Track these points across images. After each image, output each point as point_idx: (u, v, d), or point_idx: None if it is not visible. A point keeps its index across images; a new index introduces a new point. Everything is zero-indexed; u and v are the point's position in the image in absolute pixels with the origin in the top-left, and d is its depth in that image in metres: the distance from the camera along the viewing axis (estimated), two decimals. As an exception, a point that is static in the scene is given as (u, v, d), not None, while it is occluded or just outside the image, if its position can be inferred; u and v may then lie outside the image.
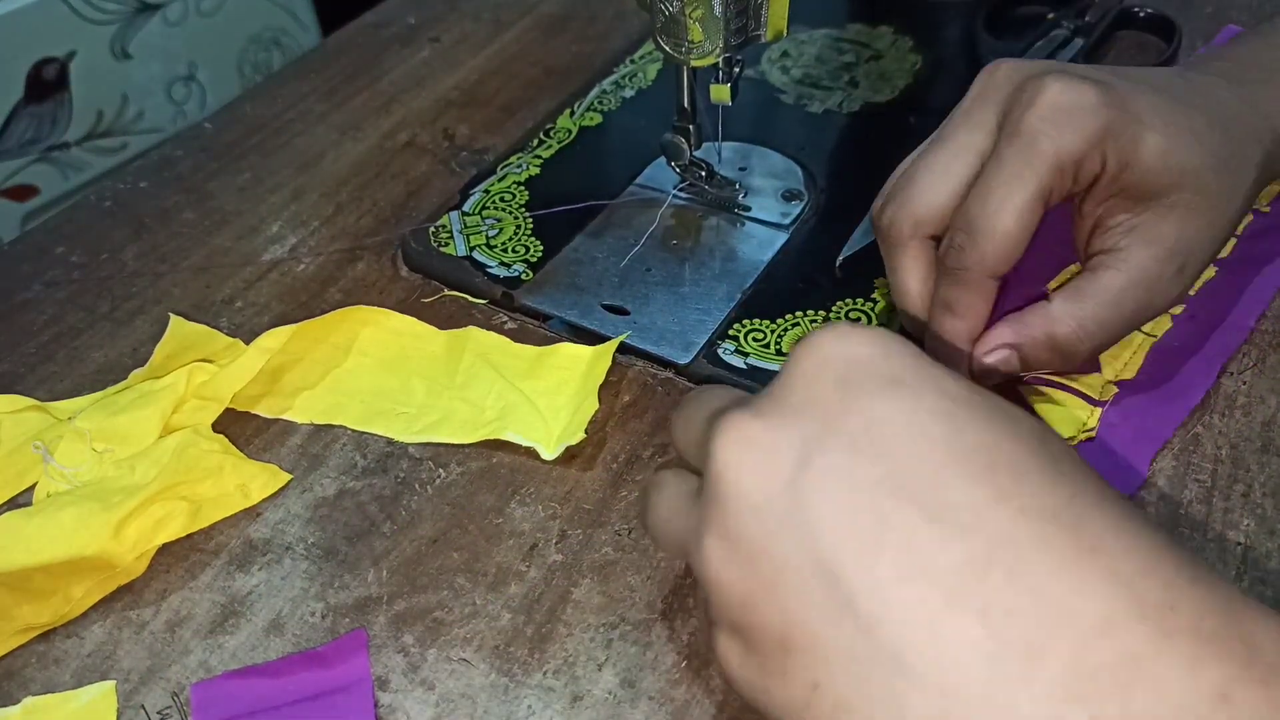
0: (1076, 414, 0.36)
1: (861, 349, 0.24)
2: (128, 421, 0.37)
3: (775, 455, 0.22)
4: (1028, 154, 0.32)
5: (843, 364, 0.23)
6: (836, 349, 0.24)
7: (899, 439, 0.22)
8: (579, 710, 0.30)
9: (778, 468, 0.22)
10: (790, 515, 0.22)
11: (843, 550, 0.21)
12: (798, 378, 0.24)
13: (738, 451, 0.23)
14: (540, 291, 0.43)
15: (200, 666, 0.32)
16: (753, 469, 0.23)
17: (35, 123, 0.81)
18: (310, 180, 0.51)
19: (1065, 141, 0.32)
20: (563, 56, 0.59)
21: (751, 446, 0.23)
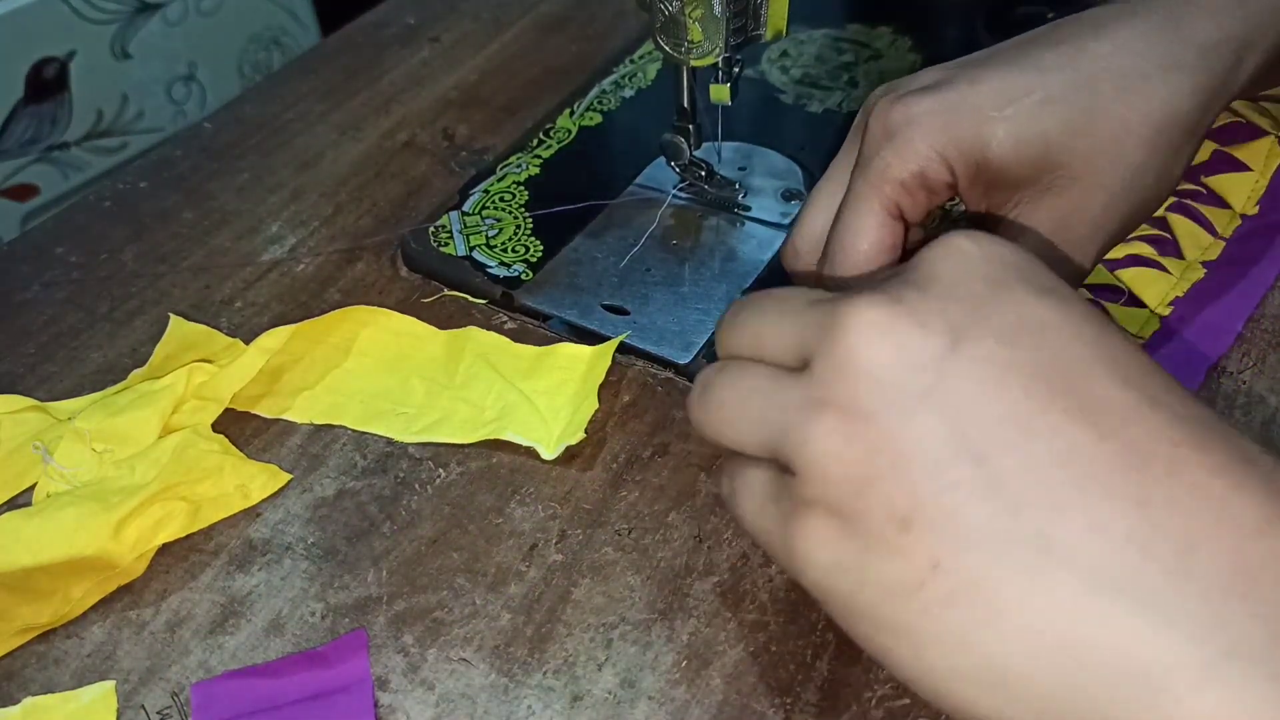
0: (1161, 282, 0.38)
1: (1009, 253, 0.23)
2: (127, 422, 0.37)
3: (919, 338, 0.22)
4: (866, 177, 0.32)
5: (993, 264, 0.23)
6: (982, 249, 0.23)
7: (1052, 335, 0.22)
8: (579, 710, 0.30)
9: (922, 349, 0.22)
10: (933, 394, 0.21)
11: (993, 432, 0.21)
12: (941, 272, 0.23)
13: (874, 333, 0.22)
14: (540, 291, 0.43)
15: (200, 666, 0.32)
16: (893, 349, 0.22)
17: (35, 122, 0.81)
18: (310, 180, 0.51)
19: (895, 160, 0.32)
20: (562, 56, 0.59)
21: (891, 328, 0.22)
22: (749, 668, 0.31)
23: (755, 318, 0.26)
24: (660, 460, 0.37)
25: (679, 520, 0.35)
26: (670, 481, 0.36)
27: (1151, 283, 0.40)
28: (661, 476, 0.36)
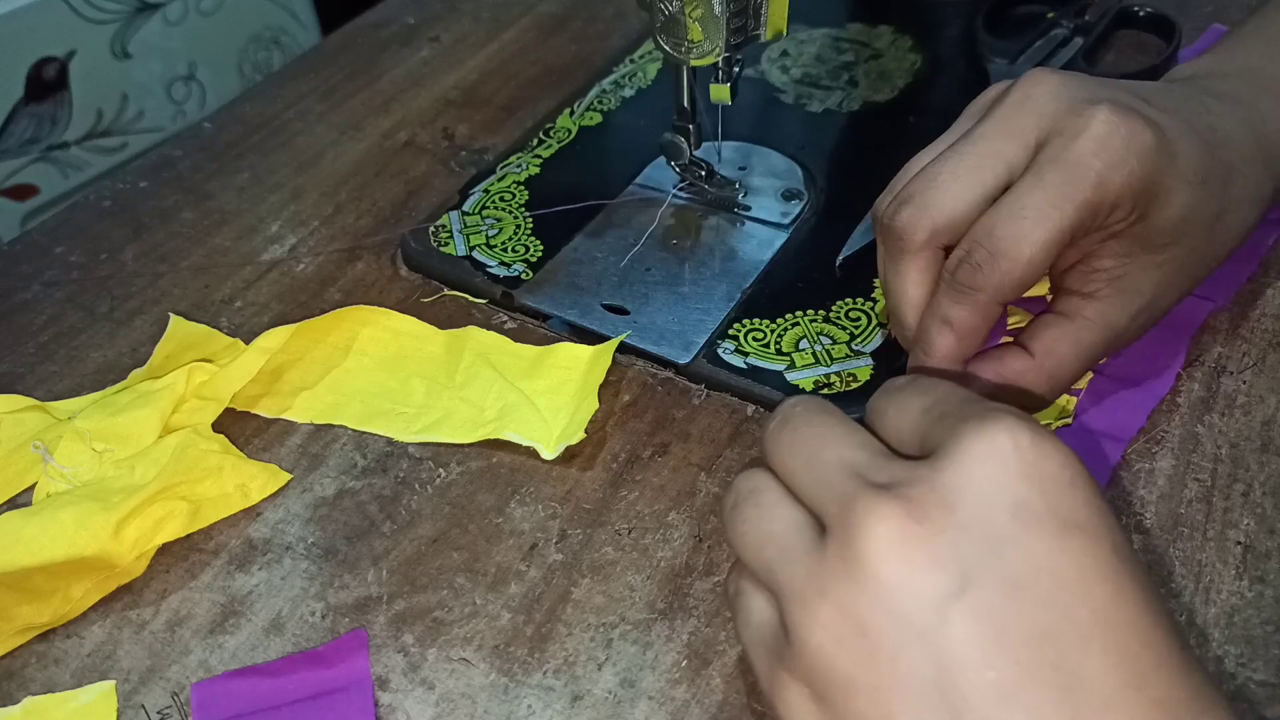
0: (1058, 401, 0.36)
1: (1049, 466, 0.23)
2: (127, 421, 0.37)
3: (932, 571, 0.22)
4: (1071, 185, 0.30)
5: (1023, 486, 0.23)
6: (1022, 458, 0.23)
7: (1061, 596, 0.22)
8: (579, 710, 0.30)
9: (931, 585, 0.22)
10: (931, 635, 0.22)
11: (973, 689, 0.21)
12: (969, 483, 0.23)
13: (889, 549, 0.22)
14: (540, 291, 0.43)
15: (200, 666, 0.32)
16: (903, 574, 0.22)
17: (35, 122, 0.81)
18: (310, 180, 0.51)
19: (1114, 181, 0.30)
20: (562, 56, 0.59)
21: (906, 552, 0.22)
22: (749, 668, 0.31)
23: (794, 445, 0.26)
24: (660, 460, 0.37)
25: (679, 520, 0.35)
26: (670, 481, 0.36)
27: None
28: (661, 476, 0.36)
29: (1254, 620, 0.31)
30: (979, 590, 0.22)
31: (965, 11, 0.58)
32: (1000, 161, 0.32)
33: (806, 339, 0.40)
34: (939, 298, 0.33)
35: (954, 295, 0.32)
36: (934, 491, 0.23)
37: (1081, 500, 0.23)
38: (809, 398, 0.28)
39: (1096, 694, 0.21)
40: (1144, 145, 0.30)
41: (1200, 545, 0.33)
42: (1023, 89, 0.32)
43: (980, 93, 0.36)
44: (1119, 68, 0.55)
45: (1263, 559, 0.33)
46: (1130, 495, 0.35)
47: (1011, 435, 0.23)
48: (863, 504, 0.23)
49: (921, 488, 0.23)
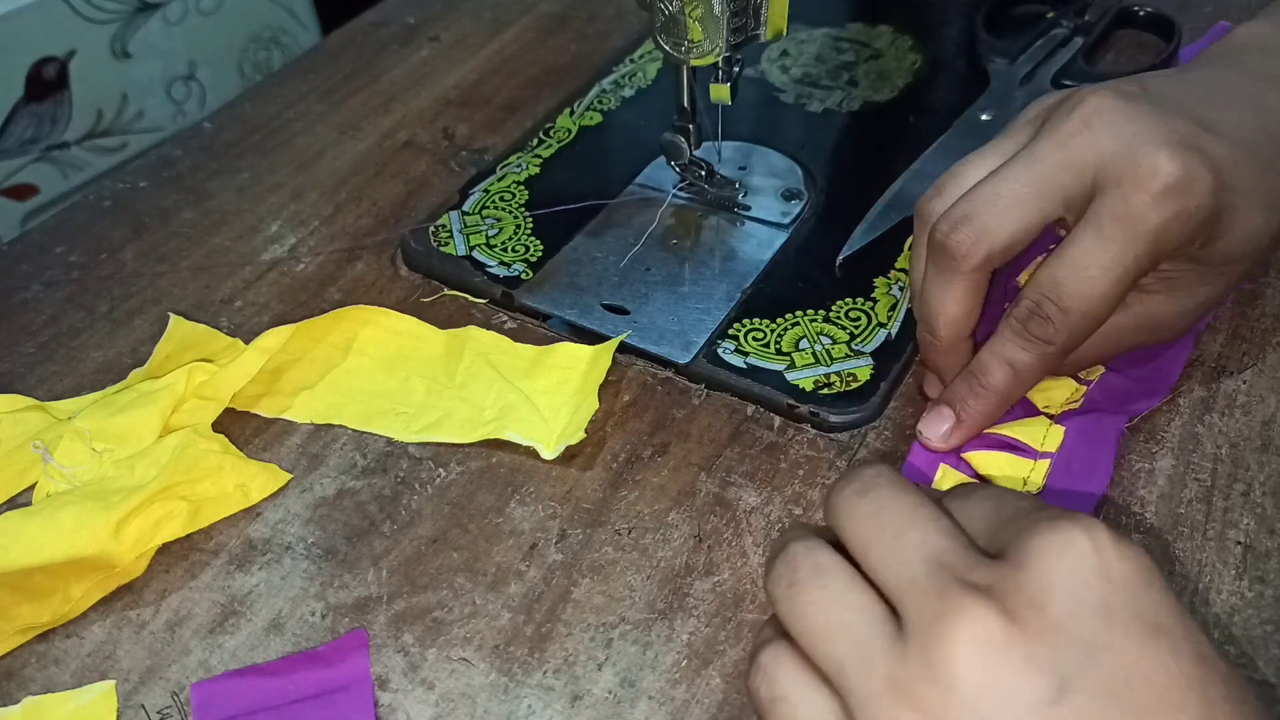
0: (1017, 470, 0.35)
1: (1129, 568, 0.23)
2: (127, 421, 0.37)
3: (1026, 677, 0.21)
4: (1133, 240, 0.31)
5: (1106, 587, 0.22)
6: (1101, 557, 0.22)
7: (1153, 700, 0.21)
8: (579, 710, 0.30)
9: (1027, 690, 0.21)
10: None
11: None
12: (1055, 582, 0.22)
13: (982, 651, 0.22)
14: (540, 291, 0.43)
15: (200, 666, 0.32)
16: (996, 677, 0.21)
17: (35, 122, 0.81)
18: (310, 180, 0.51)
19: (1173, 230, 0.31)
20: (562, 56, 0.59)
21: (1000, 655, 0.21)
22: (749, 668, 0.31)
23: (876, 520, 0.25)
24: (660, 460, 0.37)
25: (679, 520, 0.35)
26: (670, 481, 0.36)
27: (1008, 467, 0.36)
28: (661, 476, 0.36)
29: (1254, 620, 0.31)
30: (1076, 697, 0.21)
31: (965, 11, 0.58)
32: (1059, 194, 0.32)
33: (806, 339, 0.40)
34: (1005, 339, 0.33)
35: (1023, 343, 0.33)
36: (1022, 591, 0.22)
37: (1161, 602, 0.22)
38: (889, 469, 0.26)
39: None
40: (1204, 190, 0.31)
41: (1200, 545, 0.33)
42: (1082, 114, 0.32)
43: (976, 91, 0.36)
44: (1119, 68, 0.55)
45: (1263, 559, 0.33)
46: (1130, 495, 0.35)
47: (1089, 535, 0.23)
48: (952, 601, 0.22)
49: (1009, 587, 0.22)
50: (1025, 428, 0.35)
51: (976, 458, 0.35)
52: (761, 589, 0.33)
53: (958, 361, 0.36)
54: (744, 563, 0.33)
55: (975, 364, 0.35)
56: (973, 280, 0.33)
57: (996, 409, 0.35)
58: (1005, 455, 0.35)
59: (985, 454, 0.35)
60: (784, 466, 0.36)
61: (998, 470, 0.35)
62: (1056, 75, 0.52)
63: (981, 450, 0.36)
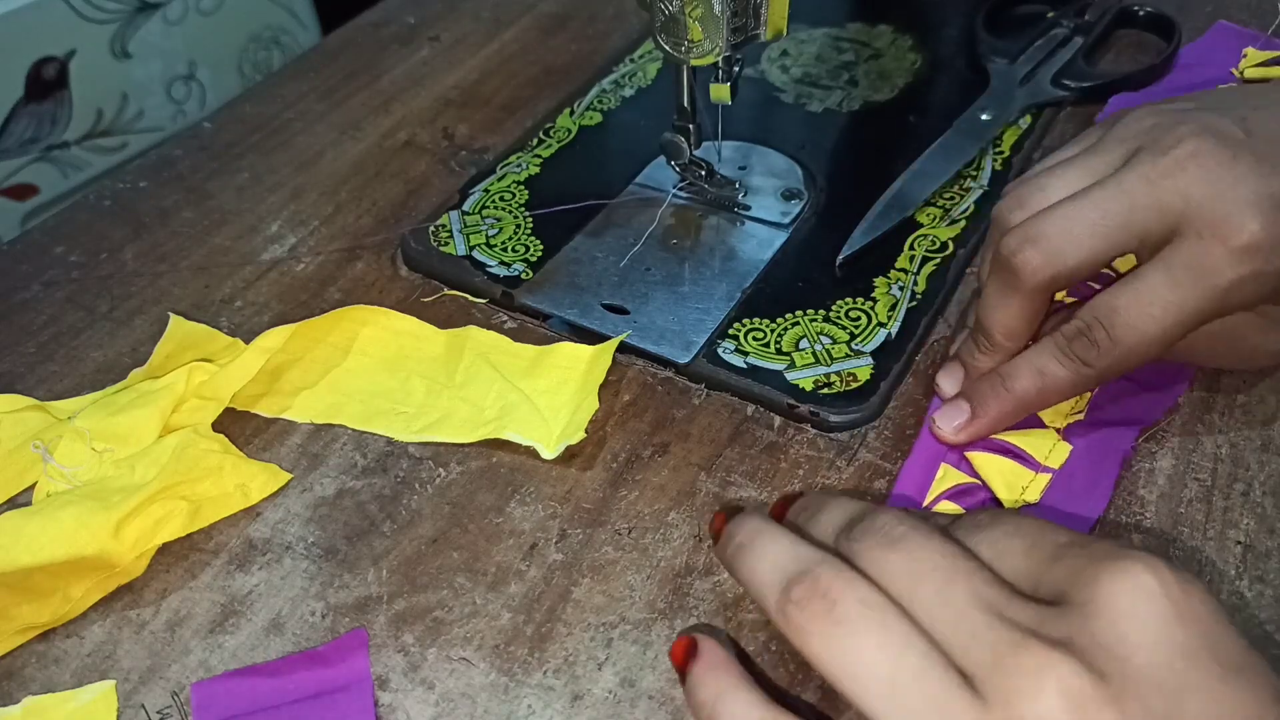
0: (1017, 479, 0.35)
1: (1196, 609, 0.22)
2: (127, 421, 0.37)
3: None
4: (1203, 291, 0.30)
5: (1182, 629, 0.22)
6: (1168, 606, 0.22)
7: None
8: (579, 709, 0.30)
9: None
10: None
11: None
12: (1132, 629, 0.22)
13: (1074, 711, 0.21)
14: (540, 291, 0.43)
15: (200, 666, 0.32)
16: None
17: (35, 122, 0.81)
18: (310, 179, 0.51)
19: (1248, 290, 0.30)
20: (562, 56, 0.59)
21: (1093, 714, 0.21)
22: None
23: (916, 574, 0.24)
24: (660, 460, 0.37)
25: (679, 520, 0.35)
26: (670, 481, 0.36)
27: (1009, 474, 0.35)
28: (661, 476, 0.36)
29: (1254, 620, 0.31)
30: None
31: (965, 11, 0.58)
32: (1137, 231, 0.31)
33: (806, 338, 0.40)
34: (1045, 350, 0.33)
35: (1062, 358, 0.33)
36: (1100, 642, 0.22)
37: (1233, 639, 0.22)
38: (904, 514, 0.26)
39: None
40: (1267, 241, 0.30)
41: (1200, 545, 0.33)
42: (1178, 157, 0.31)
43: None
44: (1119, 68, 0.55)
45: (1263, 559, 0.33)
46: (1130, 495, 0.35)
47: (1155, 575, 0.22)
48: (1032, 658, 0.21)
49: (1085, 639, 0.22)
50: (1032, 438, 0.35)
51: (979, 459, 0.35)
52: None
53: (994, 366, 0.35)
54: (744, 562, 0.33)
55: (1006, 367, 0.34)
56: (1034, 300, 0.33)
57: (1014, 414, 0.34)
58: (1008, 461, 0.35)
59: (988, 456, 0.35)
60: (784, 466, 0.36)
61: (998, 475, 0.35)
62: (1056, 75, 0.52)
63: (985, 452, 0.36)
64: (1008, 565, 0.25)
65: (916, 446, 0.36)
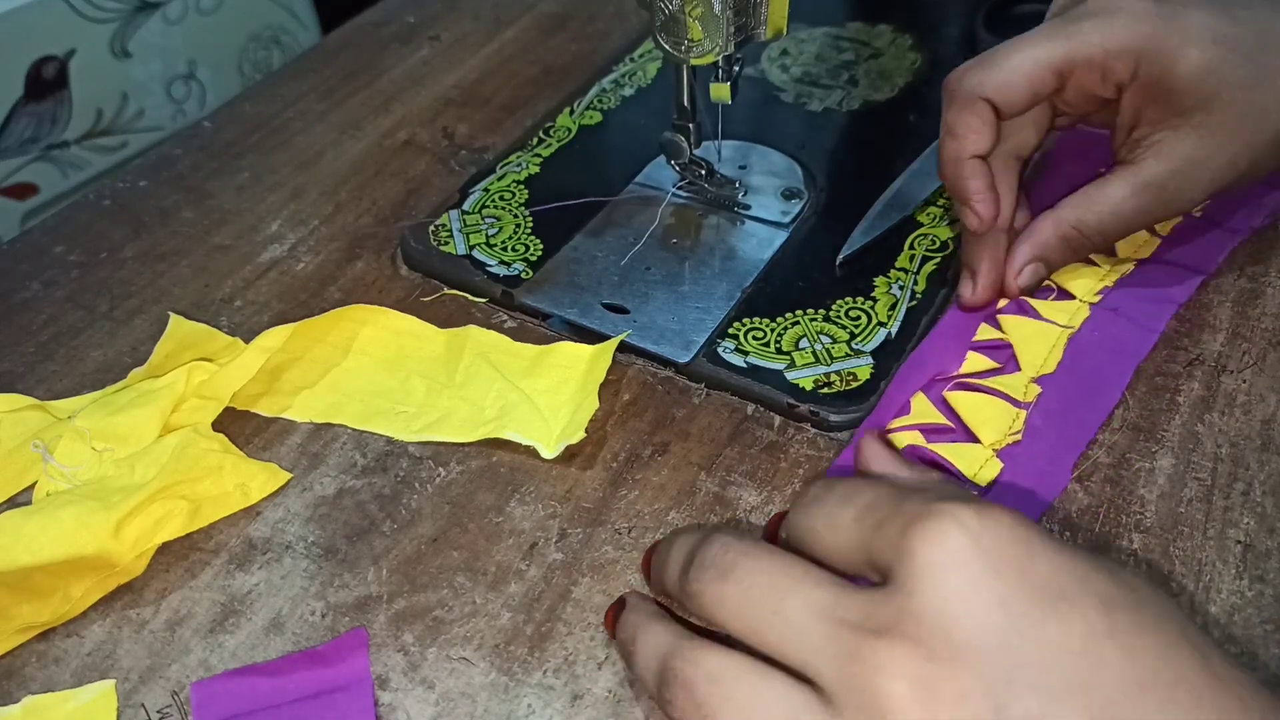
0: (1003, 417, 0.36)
1: (1004, 547, 0.23)
2: (127, 420, 0.37)
3: (966, 707, 0.22)
4: (1064, 30, 0.35)
5: (997, 580, 0.22)
6: (981, 557, 0.23)
7: (1082, 675, 0.22)
8: (579, 709, 0.30)
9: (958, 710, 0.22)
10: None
11: None
12: (949, 597, 0.23)
13: (918, 700, 0.22)
14: (540, 290, 0.43)
15: (200, 665, 0.32)
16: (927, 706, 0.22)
17: (35, 121, 0.81)
18: (310, 179, 0.51)
19: (1100, 35, 0.35)
20: (562, 55, 0.59)
21: (936, 698, 0.22)
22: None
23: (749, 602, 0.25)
24: (660, 459, 0.37)
25: (679, 519, 0.35)
26: (670, 480, 0.36)
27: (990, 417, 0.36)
28: (661, 475, 0.36)
29: (1254, 620, 0.31)
30: (1016, 705, 0.21)
31: (965, 11, 0.58)
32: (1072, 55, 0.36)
33: (806, 338, 0.40)
34: None
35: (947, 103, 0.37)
36: (923, 621, 0.22)
37: (1048, 568, 0.23)
38: (728, 534, 0.27)
39: None
40: (1139, 9, 0.35)
41: (1200, 544, 0.33)
42: None
43: None
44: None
45: (1263, 558, 0.32)
46: (1130, 495, 0.35)
47: (960, 528, 0.23)
48: (867, 659, 0.22)
49: (909, 622, 0.22)
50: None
51: (957, 398, 0.37)
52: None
53: (994, 253, 0.39)
54: (744, 562, 0.33)
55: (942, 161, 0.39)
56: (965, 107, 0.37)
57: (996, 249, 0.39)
58: (987, 398, 0.37)
59: (966, 395, 0.37)
60: (784, 466, 0.36)
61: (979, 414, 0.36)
62: (1056, 74, 0.52)
63: (962, 391, 0.37)
64: (842, 539, 0.26)
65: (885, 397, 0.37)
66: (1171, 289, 0.41)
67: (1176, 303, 0.40)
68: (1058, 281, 0.41)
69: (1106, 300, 0.40)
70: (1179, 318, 0.40)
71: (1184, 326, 0.40)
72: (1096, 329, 0.39)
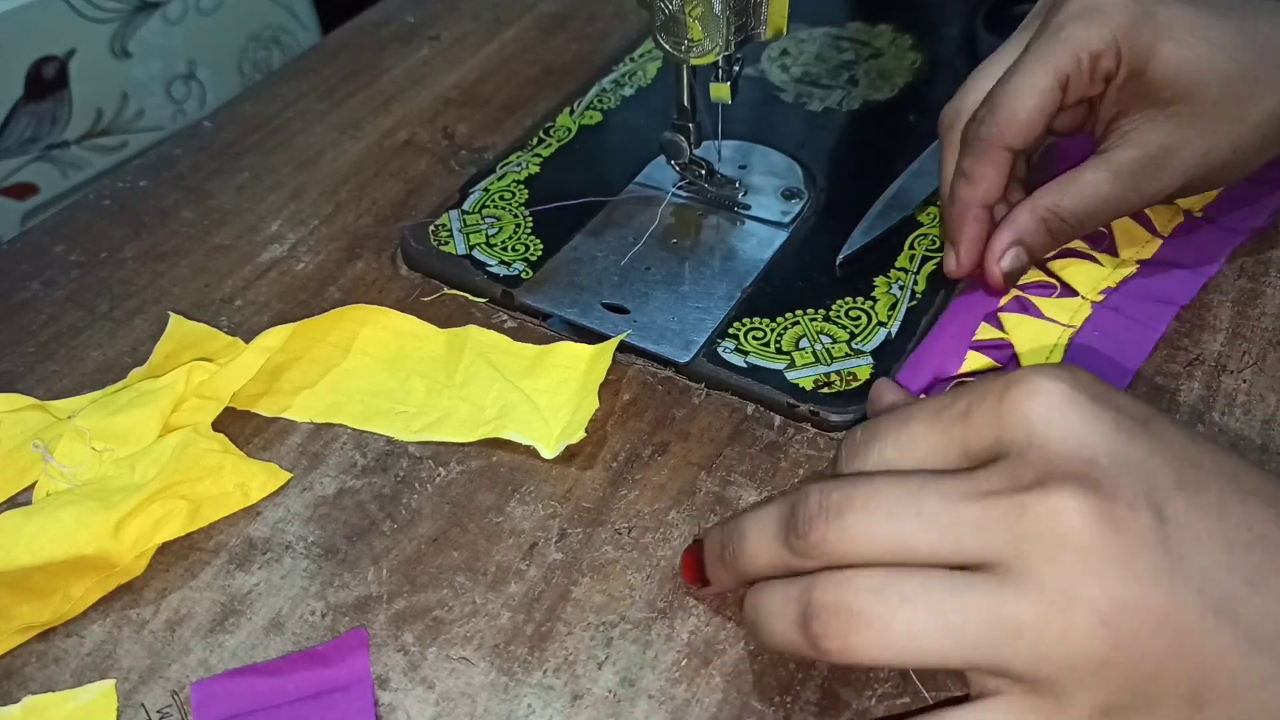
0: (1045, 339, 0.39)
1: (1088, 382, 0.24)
2: (127, 420, 0.37)
3: (1134, 521, 0.22)
4: (1051, 44, 0.36)
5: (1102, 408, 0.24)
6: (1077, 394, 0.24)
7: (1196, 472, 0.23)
8: (579, 709, 0.30)
9: (1133, 524, 0.22)
10: (1170, 567, 0.22)
11: (1238, 589, 0.22)
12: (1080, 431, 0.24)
13: (1102, 531, 0.22)
14: (540, 290, 0.43)
15: (200, 665, 0.32)
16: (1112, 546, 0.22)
17: (35, 121, 0.81)
18: (310, 179, 0.51)
19: (1085, 35, 0.35)
20: (562, 55, 0.59)
21: (1110, 520, 0.22)
22: (749, 666, 0.31)
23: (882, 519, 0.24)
24: (660, 459, 0.37)
25: (679, 519, 0.35)
26: (670, 480, 0.36)
27: (1083, 272, 0.41)
28: (661, 475, 0.36)
29: (1254, 619, 0.31)
30: (1168, 506, 0.23)
31: (965, 11, 0.58)
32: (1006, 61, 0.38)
33: (806, 338, 0.40)
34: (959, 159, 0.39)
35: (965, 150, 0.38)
36: (1068, 460, 0.23)
37: (1124, 399, 0.25)
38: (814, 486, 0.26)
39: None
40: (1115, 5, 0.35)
41: (1200, 544, 0.33)
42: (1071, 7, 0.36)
43: None
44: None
45: (1263, 558, 0.32)
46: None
47: (1051, 379, 0.24)
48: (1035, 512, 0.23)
49: (1056, 466, 0.23)
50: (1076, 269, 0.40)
51: (1008, 319, 0.39)
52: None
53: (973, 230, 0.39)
54: (744, 562, 0.33)
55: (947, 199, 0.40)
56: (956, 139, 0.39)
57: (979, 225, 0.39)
58: (1033, 320, 0.39)
59: (1016, 317, 0.39)
60: (784, 465, 0.36)
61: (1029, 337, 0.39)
62: (1056, 74, 0.52)
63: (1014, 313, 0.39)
64: (923, 449, 0.26)
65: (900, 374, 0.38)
66: (1173, 290, 0.41)
67: (1178, 303, 0.40)
68: (1060, 276, 0.41)
69: (1108, 300, 0.40)
70: (1179, 318, 0.40)
71: (1184, 326, 0.40)
72: (1098, 328, 0.39)
